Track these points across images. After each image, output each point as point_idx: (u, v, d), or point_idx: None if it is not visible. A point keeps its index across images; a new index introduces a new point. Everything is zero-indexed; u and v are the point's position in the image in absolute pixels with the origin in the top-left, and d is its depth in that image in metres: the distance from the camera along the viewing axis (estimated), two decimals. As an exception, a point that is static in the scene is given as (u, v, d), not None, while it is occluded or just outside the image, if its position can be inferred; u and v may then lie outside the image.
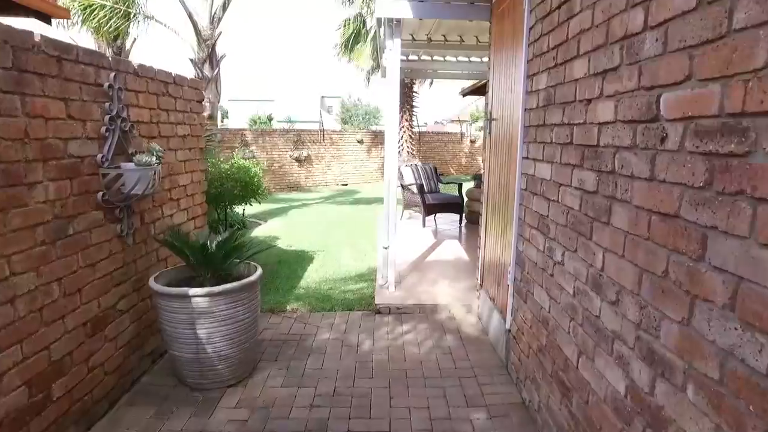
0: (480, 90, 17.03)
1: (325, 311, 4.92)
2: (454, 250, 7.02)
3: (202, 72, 8.72)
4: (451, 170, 21.09)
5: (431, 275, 5.82)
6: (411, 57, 8.74)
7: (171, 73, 3.86)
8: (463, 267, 6.18)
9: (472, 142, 21.64)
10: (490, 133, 4.44)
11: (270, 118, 37.58)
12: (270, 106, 49.46)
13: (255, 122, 36.76)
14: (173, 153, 3.92)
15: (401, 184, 8.88)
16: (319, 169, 17.08)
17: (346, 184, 17.83)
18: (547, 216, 2.84)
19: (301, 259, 6.85)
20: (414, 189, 8.60)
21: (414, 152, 16.40)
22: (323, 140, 17.07)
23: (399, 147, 16.52)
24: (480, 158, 19.11)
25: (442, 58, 9.04)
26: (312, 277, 6.05)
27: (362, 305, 5.04)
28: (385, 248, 5.24)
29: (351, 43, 15.28)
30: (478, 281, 4.78)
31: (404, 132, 16.39)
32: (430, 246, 7.20)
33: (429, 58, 9.04)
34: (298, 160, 16.34)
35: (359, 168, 18.35)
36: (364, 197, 14.21)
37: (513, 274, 3.54)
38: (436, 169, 9.22)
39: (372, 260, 6.78)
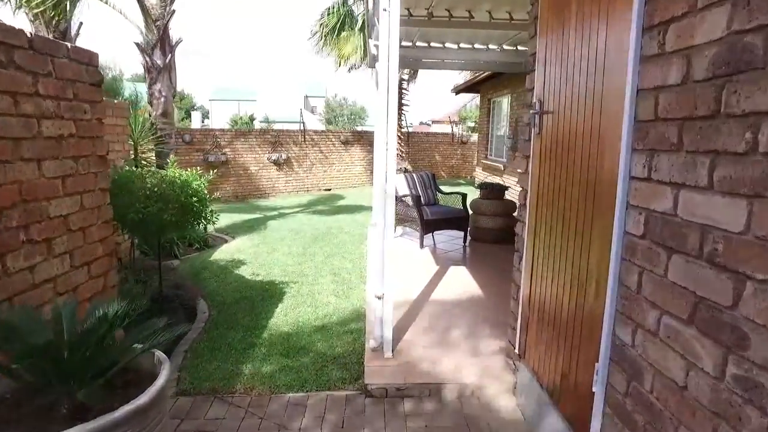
0: (474, 87, 15.62)
1: (294, 391, 3.36)
2: (463, 282, 5.50)
3: (151, 60, 7.09)
4: (442, 173, 19.62)
5: (440, 325, 4.29)
6: (404, 43, 7.22)
7: (23, 32, 2.28)
8: (481, 310, 4.66)
9: (464, 143, 20.20)
10: (539, 132, 2.93)
11: (252, 118, 35.82)
12: (252, 105, 47.63)
13: (236, 122, 35.02)
14: (30, 165, 2.34)
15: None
16: (299, 173, 15.48)
17: (330, 189, 16.25)
18: (733, 309, 1.33)
19: (268, 296, 5.28)
20: (409, 201, 7.07)
21: (403, 154, 14.89)
22: (304, 141, 15.48)
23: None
24: (474, 161, 17.69)
25: (441, 45, 7.54)
26: (279, 325, 4.49)
27: (347, 380, 3.49)
28: (379, 298, 3.70)
29: (337, 32, 13.68)
30: (516, 346, 3.26)
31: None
32: (433, 276, 5.68)
33: (426, 44, 7.52)
34: (276, 163, 14.72)
35: (344, 171, 16.78)
36: (348, 204, 12.65)
37: (604, 378, 2.03)
38: (434, 177, 7.70)
39: (358, 297, 5.24)
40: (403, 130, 15.08)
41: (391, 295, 3.66)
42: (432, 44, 7.48)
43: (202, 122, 48.13)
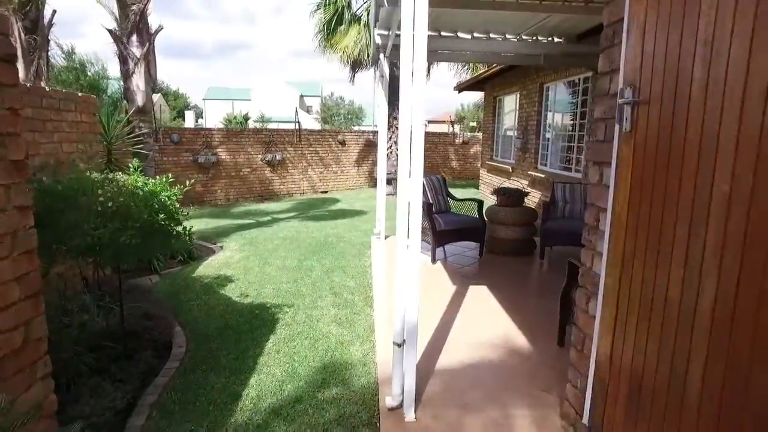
0: (478, 85, 14.81)
1: (287, 472, 2.52)
2: (489, 308, 4.65)
3: (126, 48, 6.21)
4: (444, 175, 18.79)
5: (469, 372, 3.46)
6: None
7: None
8: (516, 350, 3.83)
9: (465, 143, 19.39)
10: (630, 130, 2.10)
11: (246, 118, 34.86)
12: (247, 105, 46.64)
13: (230, 121, 34.06)
14: None
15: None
16: (294, 175, 14.61)
17: (326, 191, 15.40)
18: None
19: (258, 324, 4.43)
20: (418, 208, 6.23)
21: (404, 155, 14.03)
22: (300, 142, 14.61)
23: (387, 149, 14.14)
24: (479, 163, 16.86)
25: (452, 34, 6.70)
26: (270, 365, 3.65)
27: (357, 455, 2.66)
28: (398, 345, 2.86)
29: (333, 26, 12.82)
30: (584, 415, 2.43)
31: (393, 132, 14.03)
32: (451, 300, 4.84)
33: (436, 33, 6.68)
34: (270, 164, 13.86)
35: (341, 173, 15.93)
36: (346, 208, 11.80)
37: None
38: (445, 181, 6.87)
39: (365, 326, 4.40)
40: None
41: (415, 341, 2.83)
42: (443, 33, 6.65)
43: (196, 122, 47.13)
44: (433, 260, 5.89)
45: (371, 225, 9.26)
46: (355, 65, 14.07)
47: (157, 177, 3.65)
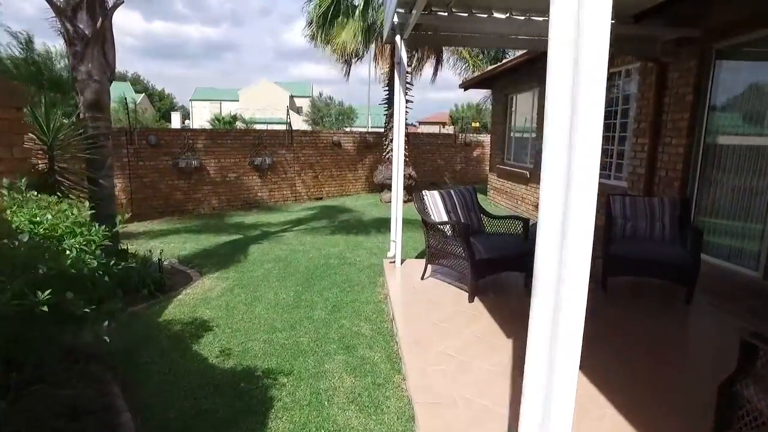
0: (486, 83, 13.52)
1: None
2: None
3: (74, 26, 4.79)
4: (446, 179, 17.51)
5: None
6: (437, 11, 5.05)
7: None
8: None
9: (467, 145, 18.11)
10: None
11: (234, 118, 33.30)
12: (235, 106, 45.02)
13: (218, 121, 32.50)
14: None
15: (423, 221, 5.15)
16: (286, 180, 13.20)
17: (321, 198, 14.02)
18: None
19: (242, 409, 3.06)
20: (447, 230, 4.90)
21: (407, 158, 12.71)
22: (291, 144, 13.21)
23: (388, 152, 12.80)
24: (487, 167, 15.57)
25: (484, 15, 5.36)
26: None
27: None
28: None
29: (330, 19, 11.44)
30: None
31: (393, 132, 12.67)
32: (513, 364, 3.50)
33: (465, 14, 5.34)
34: (259, 168, 12.44)
35: (336, 177, 14.55)
36: (347, 219, 10.43)
37: None
38: (476, 193, 5.53)
39: (397, 406, 3.05)
40: (407, 130, 12.90)
41: None
42: (474, 12, 5.32)
43: (183, 123, 45.42)
44: (471, 298, 4.55)
45: (377, 242, 7.91)
46: (351, 61, 12.70)
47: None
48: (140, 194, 10.39)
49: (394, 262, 5.81)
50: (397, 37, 5.17)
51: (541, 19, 5.37)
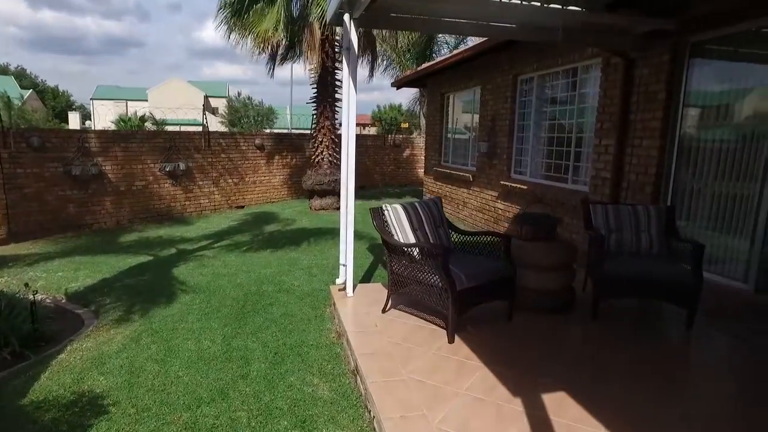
0: (421, 81, 12.75)
1: None
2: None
3: None
4: (376, 180, 16.65)
5: None
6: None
7: None
8: None
9: (397, 146, 17.37)
10: None
11: (143, 119, 30.24)
12: (144, 106, 41.33)
13: (124, 123, 29.36)
14: None
15: (384, 241, 4.15)
16: (204, 187, 11.65)
17: (243, 206, 12.59)
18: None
19: None
20: (415, 253, 3.94)
21: (337, 161, 11.66)
22: (209, 147, 11.67)
23: (317, 154, 11.65)
24: (422, 169, 14.84)
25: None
26: None
27: None
28: None
29: (246, 4, 10.06)
30: None
31: (324, 135, 11.57)
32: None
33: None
34: (172, 175, 10.81)
35: (260, 183, 13.17)
36: (276, 230, 9.19)
37: None
38: (441, 204, 4.63)
39: None
40: (337, 131, 11.82)
41: None
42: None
43: (83, 124, 41.02)
44: (451, 339, 3.62)
45: (315, 258, 6.82)
46: (276, 55, 11.40)
47: None
48: (19, 208, 8.45)
49: (344, 289, 4.76)
50: (346, 16, 4.13)
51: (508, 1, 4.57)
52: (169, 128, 13.89)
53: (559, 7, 4.65)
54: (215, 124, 35.88)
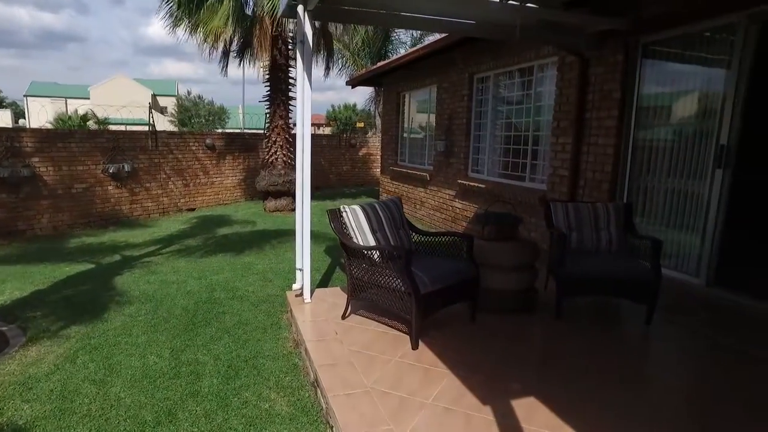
0: (376, 79, 12.57)
1: None
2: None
3: None
4: (332, 180, 16.37)
5: None
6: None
7: None
8: None
9: (352, 146, 17.16)
10: None
11: (85, 118, 28.62)
12: (85, 104, 39.22)
13: (64, 122, 27.67)
14: None
15: (343, 244, 3.95)
16: (151, 190, 11.05)
17: (194, 208, 12.06)
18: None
19: None
20: (375, 256, 3.76)
21: (291, 161, 11.34)
22: (156, 147, 11.09)
23: (271, 154, 11.29)
24: (378, 168, 14.66)
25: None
26: None
27: None
28: None
29: (196, 1, 9.59)
30: None
31: (278, 135, 11.22)
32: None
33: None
34: (117, 177, 10.18)
35: (212, 185, 12.66)
36: (229, 233, 8.80)
37: None
38: (401, 204, 4.47)
39: None
40: (292, 131, 11.48)
41: None
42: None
43: (16, 122, 38.50)
44: (415, 345, 3.46)
45: (270, 262, 6.54)
46: (228, 52, 10.96)
47: None
48: (-58, 215, 7.72)
49: (301, 295, 4.53)
50: (300, 8, 3.90)
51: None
52: (114, 128, 13.10)
53: (517, 3, 4.60)
54: (164, 124, 34.47)
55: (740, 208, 4.59)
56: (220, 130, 30.41)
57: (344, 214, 3.97)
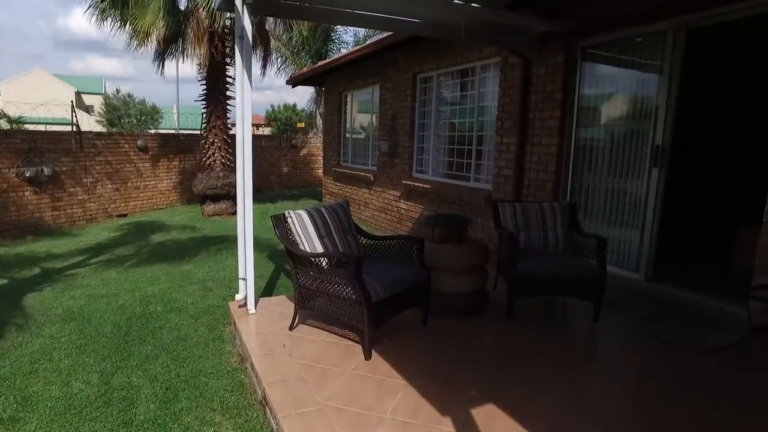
0: (317, 79, 12.26)
1: None
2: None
3: None
4: (272, 182, 15.90)
5: None
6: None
7: None
8: None
9: (293, 146, 16.76)
10: None
11: (-1, 116, 26.17)
12: (-2, 102, 36.06)
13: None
14: None
15: (289, 252, 3.73)
16: (77, 195, 10.24)
17: (126, 214, 11.31)
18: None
19: None
20: (323, 263, 3.58)
21: (230, 163, 10.88)
22: (81, 149, 10.28)
23: (209, 156, 10.77)
24: (320, 169, 14.36)
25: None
26: None
27: None
28: None
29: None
30: None
31: (216, 136, 10.71)
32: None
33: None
34: (35, 181, 9.33)
35: (145, 189, 11.93)
36: (165, 240, 8.28)
37: None
38: (348, 207, 4.30)
39: None
40: (230, 132, 10.99)
41: None
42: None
43: None
44: (368, 355, 3.31)
45: (210, 270, 6.19)
46: (164, 51, 10.33)
47: None
48: None
49: (245, 305, 4.26)
50: (238, 1, 3.64)
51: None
52: (31, 127, 12.02)
53: (462, 3, 4.55)
54: (91, 124, 32.30)
55: (674, 205, 4.78)
56: (153, 131, 28.88)
57: (289, 220, 3.75)
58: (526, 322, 4.07)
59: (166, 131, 22.24)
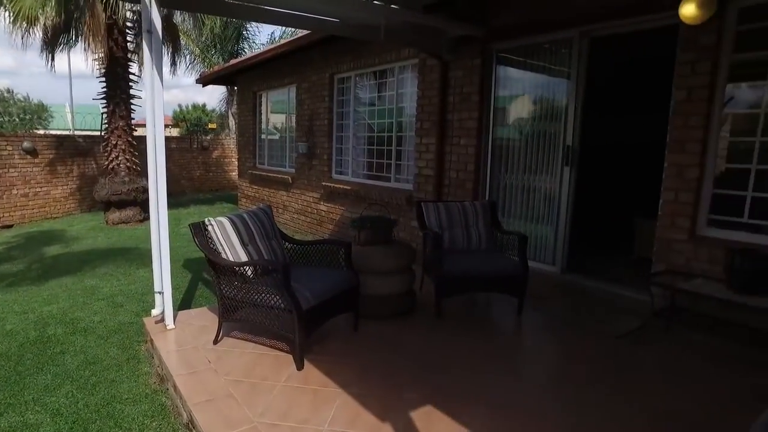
0: (229, 78, 11.70)
1: None
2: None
3: None
4: (184, 186, 15.01)
5: None
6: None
7: None
8: None
9: (205, 148, 15.94)
10: None
11: None
12: None
13: None
14: None
15: (210, 261, 3.48)
16: (-50, 205, 8.97)
17: (11, 225, 10.11)
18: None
19: None
20: (249, 272, 3.39)
21: (136, 167, 10.10)
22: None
23: (112, 159, 9.92)
24: (235, 172, 13.72)
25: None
26: None
27: None
28: None
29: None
30: None
31: (119, 137, 9.87)
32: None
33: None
34: None
35: (35, 196, 10.74)
36: (62, 253, 7.48)
37: None
38: (272, 211, 4.11)
39: None
40: (135, 133, 10.18)
41: None
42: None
43: None
44: (300, 365, 3.17)
45: (120, 284, 5.69)
46: (55, 44, 9.32)
47: None
48: None
49: (162, 320, 3.93)
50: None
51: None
52: None
53: (381, 3, 4.53)
54: (-37, 125, 28.52)
55: (583, 201, 5.10)
56: (42, 131, 26.13)
57: (210, 228, 3.51)
58: (454, 320, 4.14)
59: (59, 132, 20.25)
